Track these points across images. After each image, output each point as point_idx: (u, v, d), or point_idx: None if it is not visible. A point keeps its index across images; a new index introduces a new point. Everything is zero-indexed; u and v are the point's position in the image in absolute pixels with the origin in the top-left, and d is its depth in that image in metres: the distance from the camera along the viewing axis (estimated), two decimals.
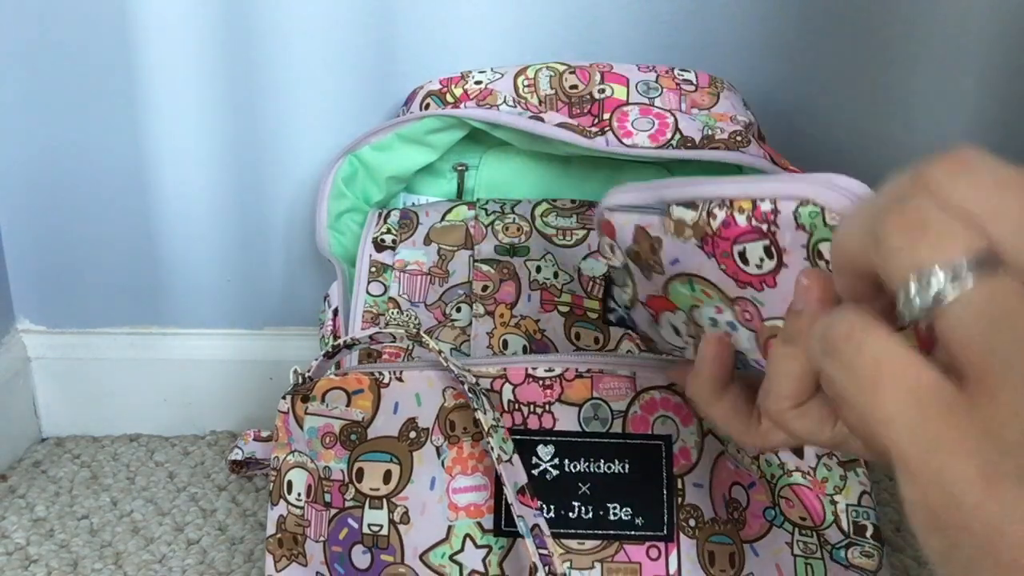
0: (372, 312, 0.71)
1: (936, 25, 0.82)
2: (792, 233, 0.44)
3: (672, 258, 0.49)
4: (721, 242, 0.46)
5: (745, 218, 0.45)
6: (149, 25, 0.82)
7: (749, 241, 0.45)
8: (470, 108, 0.74)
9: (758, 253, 0.45)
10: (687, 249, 0.48)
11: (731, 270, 0.46)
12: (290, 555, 0.61)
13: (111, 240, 0.89)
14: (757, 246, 0.45)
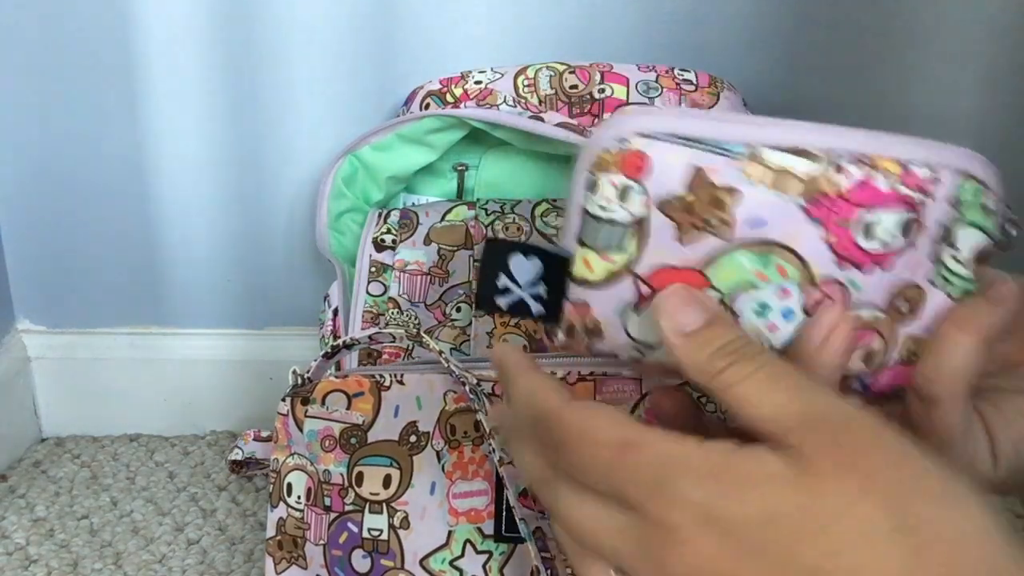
0: (372, 312, 0.71)
1: (936, 25, 0.82)
2: (944, 208, 0.39)
3: (756, 218, 0.38)
4: (844, 206, 0.38)
5: (890, 183, 0.38)
6: (150, 26, 0.82)
7: (887, 211, 0.38)
8: (470, 108, 0.74)
9: (892, 228, 0.38)
10: (785, 209, 0.38)
11: (840, 245, 0.38)
12: (290, 558, 0.61)
13: (111, 240, 0.89)
14: (894, 218, 0.38)
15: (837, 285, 0.39)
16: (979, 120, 0.85)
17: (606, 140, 0.37)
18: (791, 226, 0.38)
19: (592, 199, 0.38)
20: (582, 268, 0.39)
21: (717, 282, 0.39)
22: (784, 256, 0.38)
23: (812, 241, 0.38)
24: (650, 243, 0.38)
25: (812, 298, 0.39)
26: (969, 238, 0.39)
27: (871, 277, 0.39)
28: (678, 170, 0.37)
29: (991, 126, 0.85)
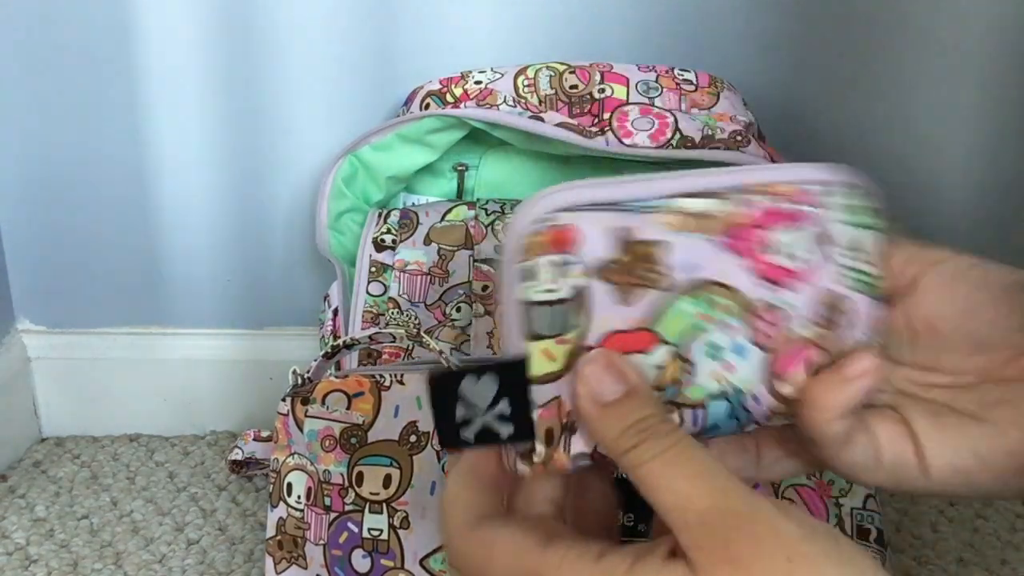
0: (372, 312, 0.71)
1: (937, 25, 0.82)
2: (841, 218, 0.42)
3: (688, 263, 0.39)
4: (760, 234, 0.40)
5: (792, 205, 0.41)
6: (150, 26, 0.82)
7: (797, 229, 0.41)
8: (470, 108, 0.74)
9: (804, 245, 0.41)
10: (711, 249, 0.39)
11: (762, 268, 0.40)
12: (290, 557, 0.61)
13: (111, 240, 0.89)
14: (804, 234, 0.41)
15: (775, 310, 0.40)
16: (979, 120, 0.85)
17: (529, 226, 0.37)
18: (720, 263, 0.39)
19: (533, 287, 0.37)
20: (544, 363, 0.38)
21: (668, 336, 0.39)
22: (721, 292, 0.39)
23: (741, 272, 0.40)
24: (595, 312, 0.38)
25: (756, 328, 0.40)
26: (869, 239, 0.42)
27: (802, 294, 0.41)
28: (607, 235, 0.38)
29: (990, 126, 0.85)
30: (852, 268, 0.42)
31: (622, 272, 0.38)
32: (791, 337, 0.41)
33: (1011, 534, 0.79)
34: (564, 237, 0.37)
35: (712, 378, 0.40)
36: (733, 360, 0.40)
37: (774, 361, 0.41)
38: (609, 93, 0.73)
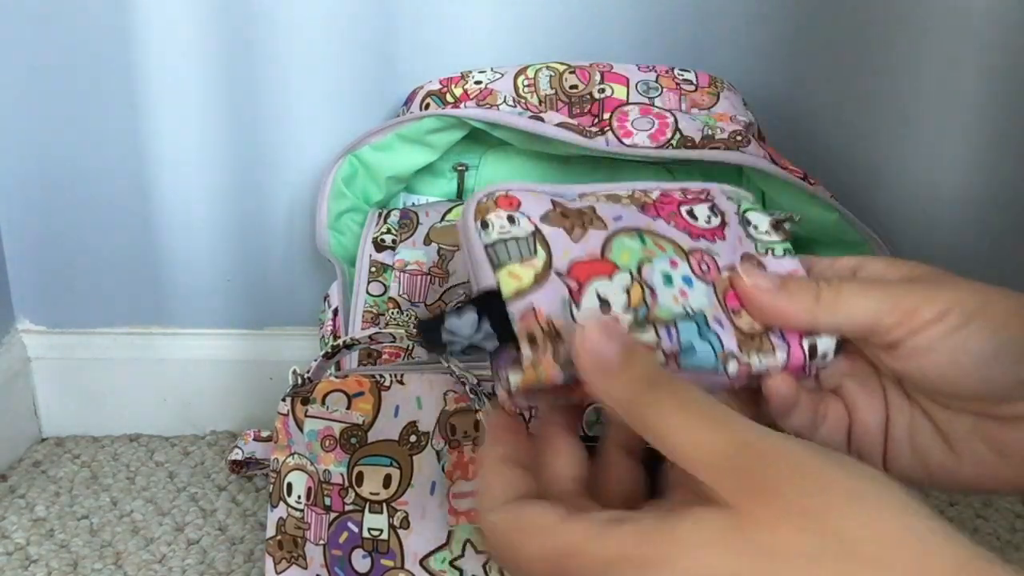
0: (372, 312, 0.71)
1: (936, 25, 0.82)
2: (724, 202, 0.50)
3: (614, 215, 0.46)
4: (665, 206, 0.49)
5: (680, 195, 0.50)
6: (149, 26, 0.82)
7: (695, 204, 0.49)
8: (470, 108, 0.74)
9: (705, 212, 0.49)
10: (629, 211, 0.47)
11: (682, 225, 0.48)
12: (290, 557, 0.61)
13: (111, 240, 0.89)
14: (703, 207, 0.49)
15: (702, 252, 0.47)
16: (979, 121, 0.85)
17: (478, 197, 0.46)
18: (642, 219, 0.47)
19: (489, 233, 0.44)
20: (511, 282, 0.43)
21: (621, 263, 0.45)
22: (653, 236, 0.46)
23: (662, 226, 0.47)
24: (553, 245, 0.44)
25: (694, 263, 0.46)
26: (755, 216, 0.50)
27: (718, 245, 0.48)
28: (541, 200, 0.46)
29: (991, 127, 0.85)
30: (753, 238, 0.49)
31: (563, 218, 0.45)
32: (724, 280, 0.46)
33: (1011, 534, 0.79)
34: (509, 200, 0.45)
35: (673, 301, 0.44)
36: (684, 287, 0.45)
37: (724, 295, 0.46)
38: (609, 93, 0.73)
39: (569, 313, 0.43)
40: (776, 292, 0.45)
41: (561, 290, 0.43)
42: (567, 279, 0.43)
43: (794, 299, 0.44)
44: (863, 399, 0.47)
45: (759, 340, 0.45)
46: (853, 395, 0.47)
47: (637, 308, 0.43)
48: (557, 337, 0.42)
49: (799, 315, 0.44)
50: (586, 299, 0.43)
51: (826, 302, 0.44)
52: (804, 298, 0.44)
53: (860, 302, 0.43)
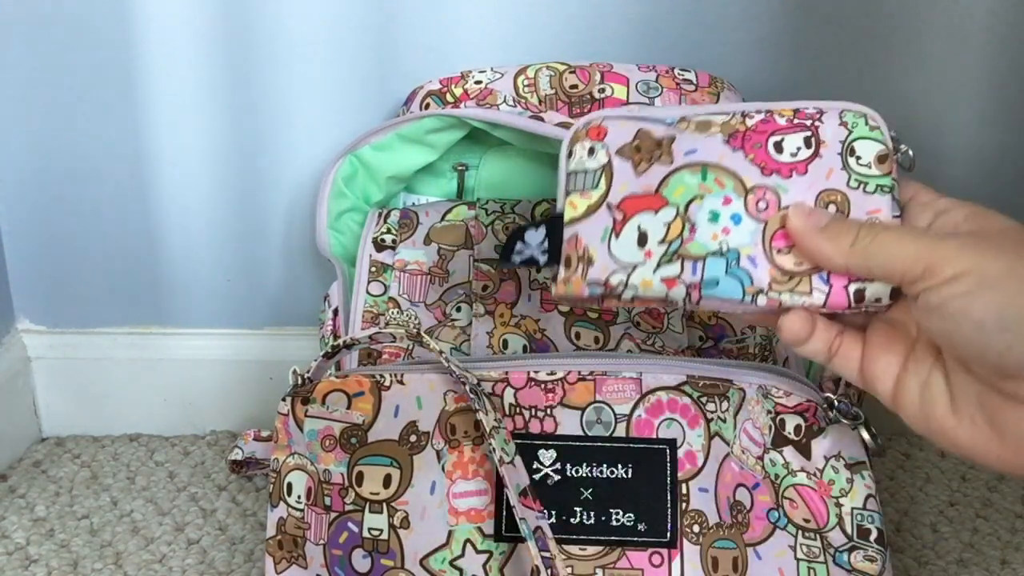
0: (372, 312, 0.71)
1: (936, 25, 0.82)
2: (834, 128, 0.51)
3: (689, 148, 0.51)
4: (755, 135, 0.51)
5: (786, 120, 0.51)
6: (149, 25, 0.82)
7: (789, 133, 0.51)
8: (470, 108, 0.74)
9: (796, 143, 0.51)
10: (709, 142, 0.51)
11: (759, 159, 0.51)
12: (290, 557, 0.61)
13: (111, 240, 0.89)
14: (796, 137, 0.51)
15: (767, 189, 0.50)
16: (980, 122, 0.85)
17: (578, 126, 0.53)
18: (717, 151, 0.51)
19: (571, 162, 0.52)
20: (569, 210, 0.52)
21: (672, 199, 0.51)
22: (718, 171, 0.51)
23: (737, 160, 0.51)
24: (615, 179, 0.51)
25: (751, 201, 0.50)
26: (864, 145, 0.50)
27: (792, 181, 0.50)
28: (627, 130, 0.52)
29: (991, 127, 0.85)
30: (851, 169, 0.50)
31: (635, 151, 0.51)
32: (781, 218, 0.50)
33: (1011, 535, 0.79)
34: (596, 131, 0.52)
35: (711, 238, 0.50)
36: (729, 225, 0.50)
37: (773, 235, 0.50)
38: (609, 93, 0.73)
39: (607, 242, 0.51)
40: (817, 232, 0.48)
41: (606, 221, 0.51)
42: (615, 211, 0.51)
43: (833, 241, 0.47)
44: (882, 342, 0.49)
45: (799, 280, 0.49)
46: (874, 336, 0.50)
47: (671, 241, 0.51)
48: (590, 261, 0.51)
49: (834, 257, 0.48)
50: (627, 230, 0.51)
51: (860, 247, 0.47)
52: (842, 241, 0.47)
53: (892, 250, 0.45)
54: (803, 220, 0.48)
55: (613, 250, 0.51)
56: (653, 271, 0.51)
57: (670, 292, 0.51)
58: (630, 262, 0.51)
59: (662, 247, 0.50)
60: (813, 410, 0.59)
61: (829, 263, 0.48)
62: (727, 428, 0.59)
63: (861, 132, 0.51)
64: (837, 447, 0.59)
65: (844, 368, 0.51)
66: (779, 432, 0.59)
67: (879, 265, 0.46)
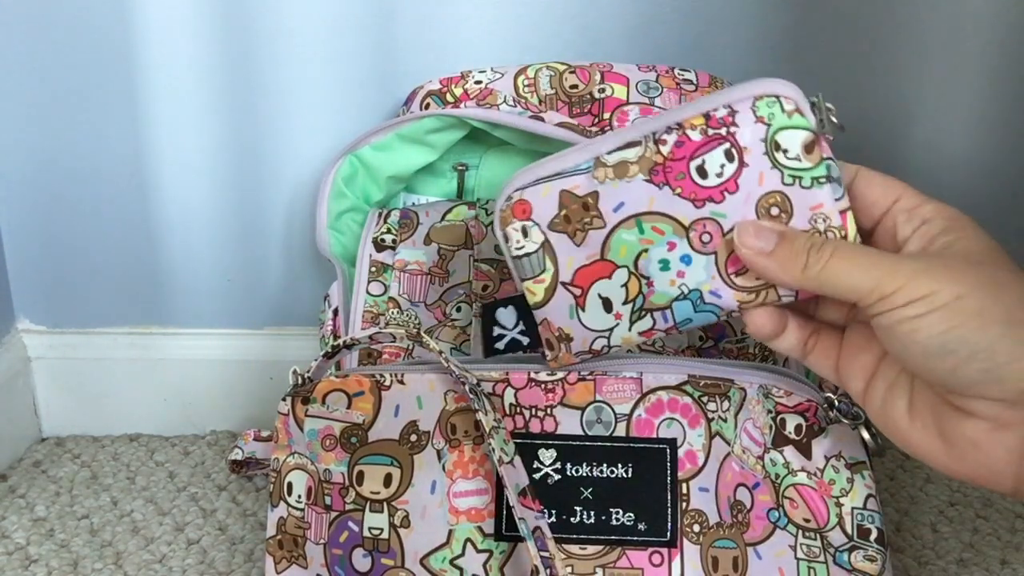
0: (372, 312, 0.71)
1: (937, 25, 0.82)
2: (751, 128, 0.49)
3: (615, 204, 0.51)
4: (675, 164, 0.50)
5: (699, 132, 0.49)
6: (149, 25, 0.82)
7: (707, 152, 0.49)
8: (470, 108, 0.74)
9: (718, 161, 0.49)
10: (632, 188, 0.50)
11: (688, 191, 0.50)
12: (290, 557, 0.61)
13: (111, 240, 0.89)
14: (716, 153, 0.49)
15: (705, 221, 0.50)
16: (979, 122, 0.85)
17: (500, 204, 0.53)
18: (644, 197, 0.50)
19: (511, 247, 0.53)
20: (531, 296, 0.54)
21: (619, 260, 0.52)
22: (652, 220, 0.50)
23: (665, 199, 0.50)
24: (559, 256, 0.53)
25: (694, 239, 0.50)
26: (787, 137, 0.48)
27: (727, 204, 0.49)
28: (550, 199, 0.52)
29: (991, 127, 0.85)
30: (781, 165, 0.49)
31: (567, 223, 0.52)
32: (729, 242, 0.50)
33: (1011, 534, 0.79)
34: (522, 207, 0.52)
35: (670, 285, 0.51)
36: (682, 268, 0.51)
37: (726, 261, 0.50)
38: (609, 93, 0.73)
39: (576, 317, 0.54)
40: (765, 257, 0.48)
41: (568, 299, 0.53)
42: (571, 287, 0.53)
43: (782, 265, 0.48)
44: (859, 343, 0.51)
45: (765, 292, 0.50)
46: (853, 337, 0.51)
47: (635, 300, 0.52)
48: (568, 339, 0.55)
49: (786, 280, 0.48)
50: (590, 302, 0.53)
51: (811, 274, 0.47)
52: (791, 267, 0.48)
53: (843, 276, 0.46)
54: (750, 246, 0.48)
55: (585, 322, 0.54)
56: (628, 329, 0.54)
57: (653, 340, 0.55)
58: (605, 327, 0.54)
59: (627, 307, 0.53)
60: (814, 410, 0.59)
61: (783, 284, 0.49)
62: (728, 428, 0.59)
63: (780, 122, 0.48)
64: (838, 447, 0.59)
65: (820, 365, 0.52)
66: (780, 432, 0.59)
67: (832, 288, 0.47)
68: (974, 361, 0.43)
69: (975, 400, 0.44)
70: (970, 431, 0.45)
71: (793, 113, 0.48)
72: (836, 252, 0.46)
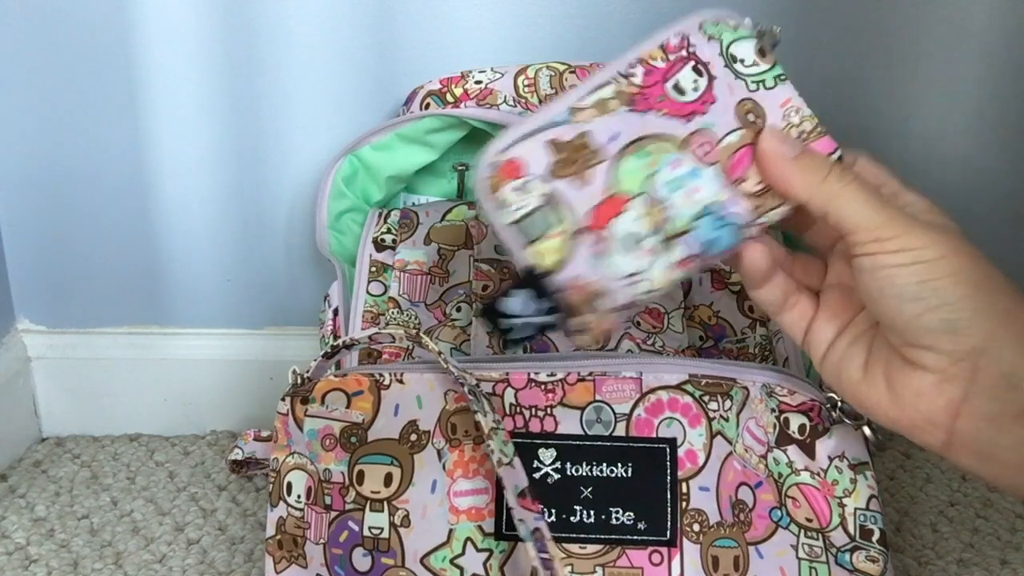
0: (372, 312, 0.71)
1: (937, 25, 0.82)
2: (707, 45, 0.51)
3: (610, 136, 0.49)
4: (652, 90, 0.50)
5: (661, 60, 0.51)
6: (149, 25, 0.82)
7: (677, 72, 0.51)
8: (470, 108, 0.74)
9: (690, 77, 0.51)
10: (620, 119, 0.50)
11: (673, 109, 0.50)
12: (290, 557, 0.61)
13: (111, 240, 0.89)
14: (686, 71, 0.51)
15: (698, 133, 0.50)
16: (980, 121, 0.85)
17: (482, 171, 0.49)
18: (635, 124, 0.50)
19: (507, 212, 0.49)
20: (542, 259, 0.49)
21: (632, 190, 0.50)
22: (650, 143, 0.50)
23: (657, 120, 0.50)
24: (569, 201, 0.49)
25: (695, 153, 0.50)
26: (740, 48, 0.51)
27: (712, 114, 0.50)
28: (540, 151, 0.49)
29: (991, 127, 0.85)
30: (743, 75, 0.51)
31: (567, 165, 0.49)
32: (728, 146, 0.50)
33: (1011, 534, 0.79)
34: (512, 166, 0.49)
35: (686, 205, 0.50)
36: (693, 183, 0.50)
37: (728, 171, 0.50)
38: None
39: (603, 266, 0.49)
40: (790, 161, 0.50)
41: (588, 248, 0.49)
42: (589, 232, 0.49)
43: (803, 173, 0.49)
44: (833, 308, 0.53)
45: (770, 197, 0.51)
46: (827, 303, 0.54)
47: (659, 227, 0.50)
48: (599, 295, 0.49)
49: (800, 189, 0.49)
50: (613, 244, 0.49)
51: (828, 187, 0.49)
52: (813, 175, 0.49)
53: (855, 205, 0.48)
54: (776, 145, 0.50)
55: (614, 268, 0.50)
56: (663, 265, 0.50)
57: (683, 274, 0.51)
58: (637, 269, 0.50)
59: (654, 238, 0.50)
60: (817, 410, 0.59)
61: (791, 191, 0.50)
62: (729, 427, 0.59)
63: (729, 36, 0.51)
64: (841, 447, 0.59)
65: (793, 325, 0.54)
66: (783, 431, 0.59)
67: (836, 211, 0.48)
68: (939, 311, 0.47)
69: (927, 352, 0.48)
70: (916, 382, 0.48)
71: (737, 27, 0.51)
72: (856, 181, 0.49)
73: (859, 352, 0.52)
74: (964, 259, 0.47)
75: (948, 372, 0.48)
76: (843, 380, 0.52)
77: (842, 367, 0.52)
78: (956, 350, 0.47)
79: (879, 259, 0.48)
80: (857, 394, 0.52)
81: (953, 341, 0.47)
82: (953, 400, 0.48)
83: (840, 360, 0.52)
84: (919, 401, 0.49)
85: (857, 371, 0.52)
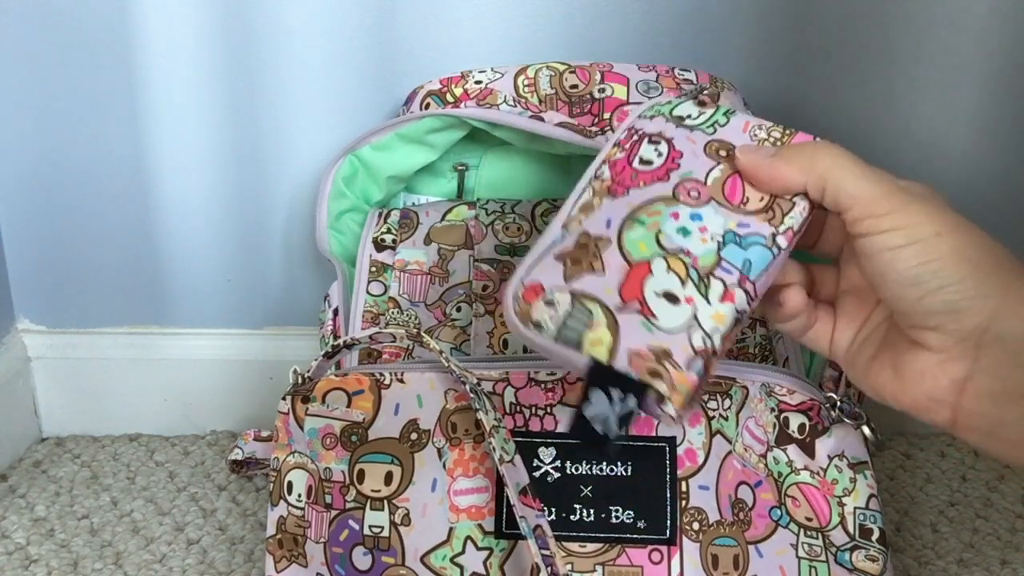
0: (372, 312, 0.71)
1: (937, 25, 0.82)
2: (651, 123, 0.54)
3: (604, 223, 0.51)
4: (623, 175, 0.53)
5: (620, 152, 0.54)
6: (149, 25, 0.82)
7: (637, 151, 0.53)
8: (470, 108, 0.74)
9: (650, 148, 0.53)
10: (607, 208, 0.52)
11: (649, 178, 0.52)
12: (290, 556, 0.61)
13: (111, 240, 0.89)
14: (644, 146, 0.54)
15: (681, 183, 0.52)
16: (979, 121, 0.85)
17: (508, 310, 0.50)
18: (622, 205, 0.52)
19: (545, 330, 0.49)
20: (600, 347, 0.48)
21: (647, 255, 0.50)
22: (642, 211, 0.51)
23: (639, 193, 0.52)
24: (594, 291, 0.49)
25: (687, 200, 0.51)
26: (682, 108, 0.55)
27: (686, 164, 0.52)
28: (550, 267, 0.50)
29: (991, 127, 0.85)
30: (696, 126, 0.54)
31: (577, 263, 0.50)
32: (715, 181, 0.52)
33: (1011, 534, 0.79)
34: (532, 290, 0.50)
35: (703, 243, 0.50)
36: (698, 224, 0.51)
37: (727, 200, 0.51)
38: (609, 93, 0.73)
39: (655, 329, 0.48)
40: (772, 159, 0.51)
41: (634, 319, 0.48)
42: (629, 306, 0.49)
43: (789, 160, 0.50)
44: (850, 313, 0.54)
45: (778, 205, 0.51)
46: (844, 309, 0.54)
47: (689, 274, 0.49)
48: (667, 355, 0.47)
49: (794, 175, 0.50)
50: (654, 305, 0.49)
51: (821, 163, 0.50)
52: (801, 159, 0.50)
53: (851, 179, 0.49)
54: (753, 155, 0.51)
55: (665, 327, 0.48)
56: (708, 303, 0.49)
57: (736, 304, 0.49)
58: (688, 319, 0.48)
59: (690, 284, 0.49)
60: (817, 409, 0.59)
61: (788, 183, 0.50)
62: (729, 426, 0.59)
63: (668, 107, 0.55)
64: (841, 447, 0.59)
65: (817, 340, 0.55)
66: (783, 430, 0.59)
67: (834, 189, 0.49)
68: (940, 293, 0.47)
69: (931, 332, 0.48)
70: (921, 362, 0.49)
71: (670, 100, 0.55)
72: (847, 153, 0.50)
73: (873, 341, 0.53)
74: (962, 236, 0.47)
75: (952, 351, 0.48)
76: (859, 375, 0.53)
77: (855, 354, 0.54)
78: (959, 329, 0.47)
79: (876, 240, 0.48)
80: (865, 378, 0.53)
81: (956, 321, 0.47)
82: (957, 379, 0.48)
83: (857, 350, 0.54)
84: (923, 381, 0.49)
85: (866, 360, 0.53)
